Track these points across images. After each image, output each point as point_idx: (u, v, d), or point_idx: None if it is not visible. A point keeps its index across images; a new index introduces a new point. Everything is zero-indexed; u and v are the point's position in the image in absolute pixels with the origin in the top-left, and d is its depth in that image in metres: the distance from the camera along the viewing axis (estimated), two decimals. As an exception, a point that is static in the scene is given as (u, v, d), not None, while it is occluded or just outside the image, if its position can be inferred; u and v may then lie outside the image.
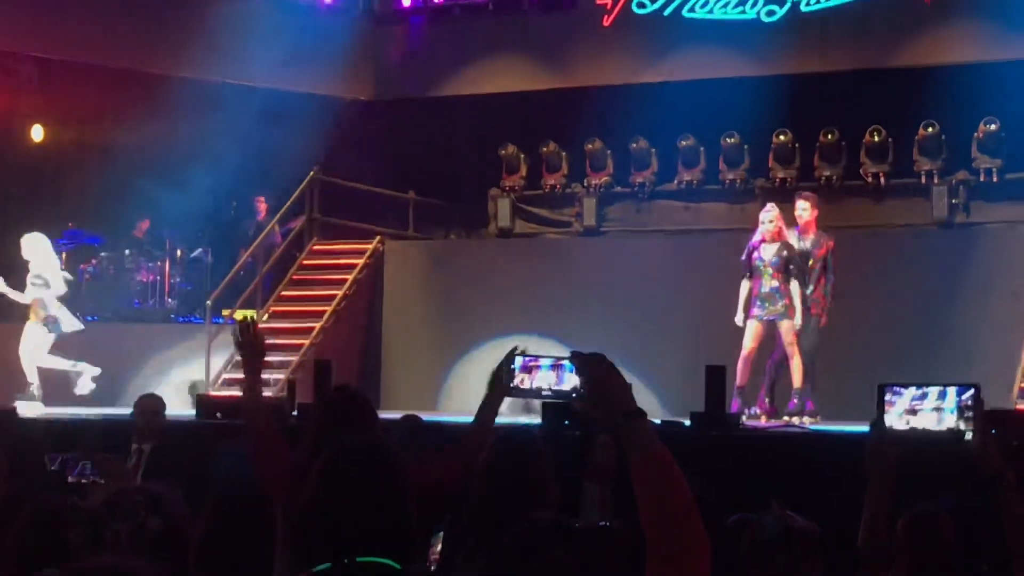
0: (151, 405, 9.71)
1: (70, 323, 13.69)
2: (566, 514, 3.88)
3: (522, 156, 16.72)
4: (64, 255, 16.25)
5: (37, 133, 17.32)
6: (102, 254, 16.31)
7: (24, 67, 17.12)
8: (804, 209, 12.16)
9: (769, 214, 12.00)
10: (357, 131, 17.26)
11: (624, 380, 2.84)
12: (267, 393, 13.32)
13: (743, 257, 11.95)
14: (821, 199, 12.97)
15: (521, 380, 4.10)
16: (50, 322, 13.56)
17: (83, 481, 8.08)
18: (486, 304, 15.01)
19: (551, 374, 4.05)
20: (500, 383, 4.59)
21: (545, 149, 16.56)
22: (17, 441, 9.63)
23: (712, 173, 15.90)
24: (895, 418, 3.98)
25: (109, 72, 16.32)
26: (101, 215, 16.95)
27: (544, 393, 3.90)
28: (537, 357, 4.04)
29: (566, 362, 3.84)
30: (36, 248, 13.71)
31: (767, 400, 11.97)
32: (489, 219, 16.74)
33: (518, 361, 4.00)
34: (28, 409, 12.77)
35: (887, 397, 4.01)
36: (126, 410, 11.46)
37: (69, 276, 14.06)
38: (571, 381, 3.83)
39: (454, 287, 15.36)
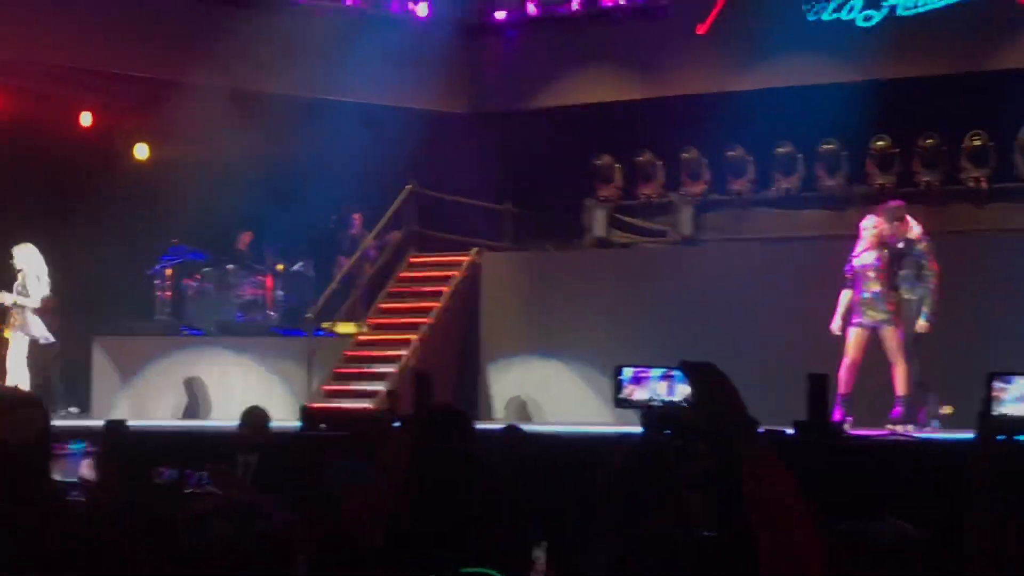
0: (257, 417, 9.86)
1: (41, 334, 14.19)
2: (668, 524, 3.90)
3: (617, 166, 16.72)
4: (169, 271, 16.57)
5: (142, 151, 17.65)
6: (205, 269, 16.56)
7: (129, 87, 17.47)
8: (872, 225, 11.96)
9: (870, 221, 11.90)
10: (453, 144, 17.34)
11: (735, 388, 2.83)
12: (369, 404, 13.46)
13: (846, 266, 11.90)
14: (922, 205, 12.82)
15: (631, 391, 4.12)
16: (26, 330, 14.07)
17: (197, 492, 8.23)
18: (583, 315, 15.02)
19: (661, 384, 4.06)
20: None
21: (640, 159, 16.54)
22: (125, 452, 9.81)
23: (810, 180, 15.79)
24: (1009, 406, 3.94)
25: (211, 90, 16.56)
26: (204, 231, 17.22)
27: (654, 403, 3.90)
28: (647, 368, 4.05)
29: (676, 372, 3.85)
30: (29, 258, 14.08)
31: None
32: (585, 230, 16.74)
33: (627, 373, 4.02)
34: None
35: (995, 384, 3.98)
36: (229, 422, 11.65)
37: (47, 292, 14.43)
38: (682, 391, 3.84)
39: (551, 298, 15.38)
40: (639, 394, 4.00)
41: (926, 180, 15.19)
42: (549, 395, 14.98)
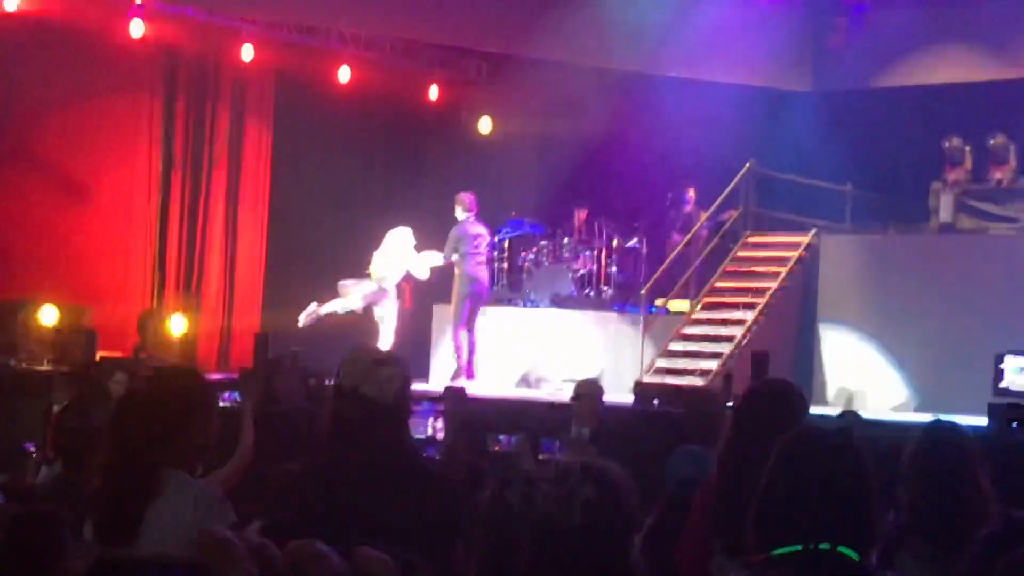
0: (592, 389, 10.02)
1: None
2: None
3: (967, 148, 16.11)
4: (507, 243, 16.97)
5: (485, 125, 18.14)
6: (542, 243, 16.87)
7: (473, 62, 17.98)
8: None
9: None
10: (794, 122, 17.14)
11: None
12: (701, 382, 13.46)
13: None
14: None
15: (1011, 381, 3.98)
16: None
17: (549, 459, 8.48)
18: (926, 301, 14.60)
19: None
20: None
21: (993, 141, 15.89)
22: (467, 418, 10.16)
23: None
24: None
25: (552, 66, 16.87)
26: (543, 205, 17.57)
27: None
28: None
29: None
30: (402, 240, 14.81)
31: None
32: (930, 214, 16.22)
33: (1012, 362, 3.87)
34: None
35: None
36: (561, 395, 11.88)
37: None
38: None
39: (892, 283, 15.00)
40: (1016, 384, 3.86)
41: None
42: (884, 380, 14.63)
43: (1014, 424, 8.79)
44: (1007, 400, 10.58)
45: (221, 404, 6.51)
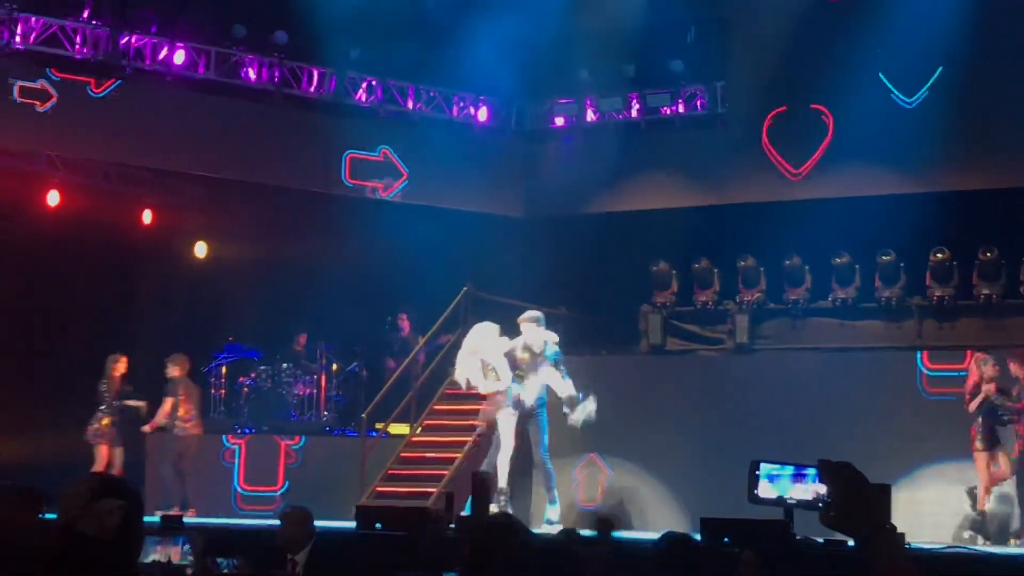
0: (296, 515, 9.91)
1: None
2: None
3: (674, 272, 16.83)
4: (224, 368, 16.76)
5: (200, 249, 17.91)
6: (261, 367, 16.74)
7: (189, 186, 17.83)
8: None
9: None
10: (509, 247, 17.53)
11: (874, 489, 2.81)
12: (424, 504, 13.52)
13: None
14: (980, 317, 12.88)
15: (763, 489, 4.16)
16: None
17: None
18: (638, 420, 15.09)
19: (793, 483, 4.09)
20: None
21: (697, 265, 16.65)
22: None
23: (867, 290, 15.83)
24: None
25: (270, 189, 16.91)
26: (262, 330, 17.42)
27: (789, 502, 3.94)
28: (782, 464, 4.08)
29: (810, 470, 3.88)
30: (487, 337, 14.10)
31: None
32: (641, 335, 16.82)
33: (764, 468, 4.05)
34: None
35: None
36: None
37: None
38: (813, 490, 3.86)
39: (605, 403, 15.39)
40: (770, 492, 4.02)
41: (985, 293, 15.19)
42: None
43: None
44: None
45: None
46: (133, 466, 14.81)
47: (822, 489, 3.00)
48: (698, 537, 9.76)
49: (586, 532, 10.71)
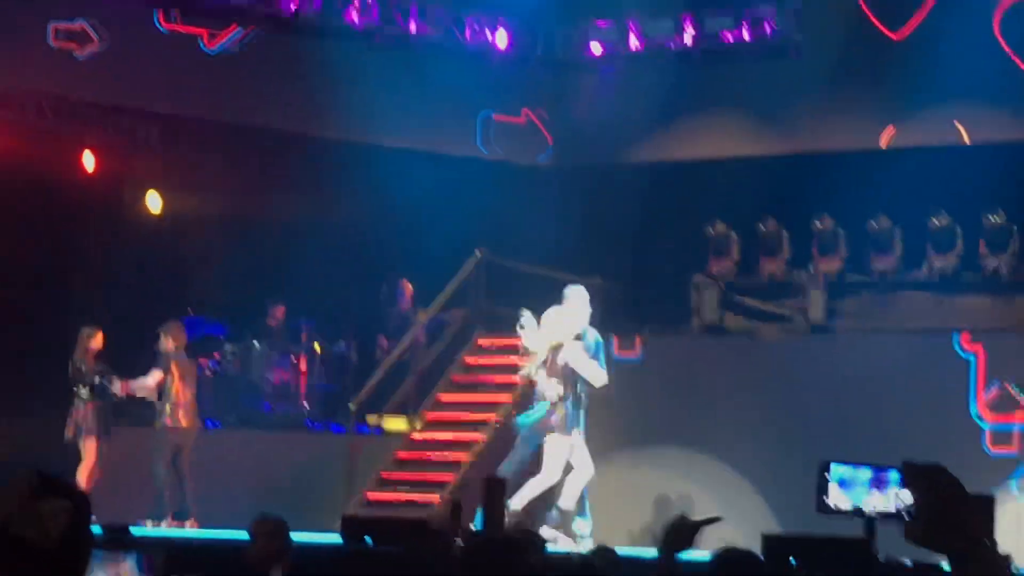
0: (268, 528, 10.06)
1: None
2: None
3: (734, 236, 16.85)
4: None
5: (154, 202, 17.90)
6: (226, 347, 16.82)
7: (140, 125, 17.90)
8: None
9: None
10: (530, 203, 17.55)
11: (969, 498, 2.76)
12: (424, 515, 13.67)
13: None
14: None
15: (834, 496, 4.24)
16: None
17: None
18: (689, 412, 15.16)
19: (870, 490, 4.15)
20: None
21: (762, 227, 16.67)
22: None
23: (971, 259, 15.82)
24: None
25: (238, 130, 16.97)
26: (227, 300, 17.45)
27: (869, 513, 4.01)
28: (856, 466, 4.17)
29: (891, 473, 3.95)
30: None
31: None
32: (692, 312, 16.88)
33: (836, 471, 4.14)
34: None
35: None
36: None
37: None
38: (895, 498, 3.94)
39: (649, 391, 15.49)
40: (845, 502, 4.06)
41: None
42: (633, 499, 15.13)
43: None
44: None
45: None
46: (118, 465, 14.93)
47: (906, 497, 3.00)
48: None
49: (624, 550, 10.85)
